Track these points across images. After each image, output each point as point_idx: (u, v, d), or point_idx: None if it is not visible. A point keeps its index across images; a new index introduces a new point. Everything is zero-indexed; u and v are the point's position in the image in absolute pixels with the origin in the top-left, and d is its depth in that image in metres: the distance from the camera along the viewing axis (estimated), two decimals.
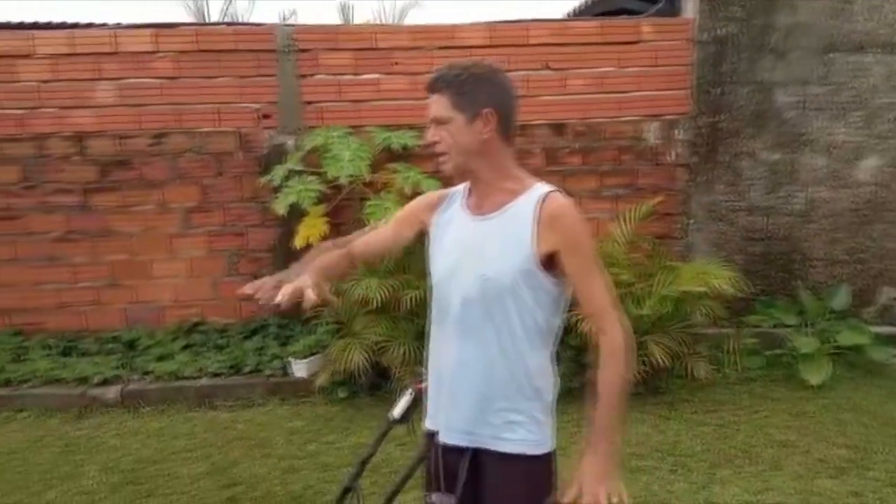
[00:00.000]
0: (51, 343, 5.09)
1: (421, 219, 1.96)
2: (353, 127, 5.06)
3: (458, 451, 1.84)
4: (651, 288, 4.62)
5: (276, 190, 4.80)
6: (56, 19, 5.62)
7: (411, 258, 4.69)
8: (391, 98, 5.21)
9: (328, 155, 4.61)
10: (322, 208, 4.71)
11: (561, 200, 1.76)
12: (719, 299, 4.71)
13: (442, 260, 1.86)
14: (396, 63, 5.21)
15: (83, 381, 4.67)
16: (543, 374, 1.82)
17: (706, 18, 5.24)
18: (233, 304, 5.28)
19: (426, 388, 2.23)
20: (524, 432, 1.79)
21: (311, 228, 4.60)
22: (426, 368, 1.97)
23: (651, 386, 4.56)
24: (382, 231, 2.06)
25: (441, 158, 1.79)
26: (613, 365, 1.74)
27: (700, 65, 5.27)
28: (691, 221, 5.43)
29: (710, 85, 5.28)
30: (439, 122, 1.76)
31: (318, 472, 3.69)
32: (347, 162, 4.45)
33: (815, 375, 4.62)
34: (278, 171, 4.72)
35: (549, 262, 1.73)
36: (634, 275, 4.69)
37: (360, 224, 4.75)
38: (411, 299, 4.27)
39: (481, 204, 1.82)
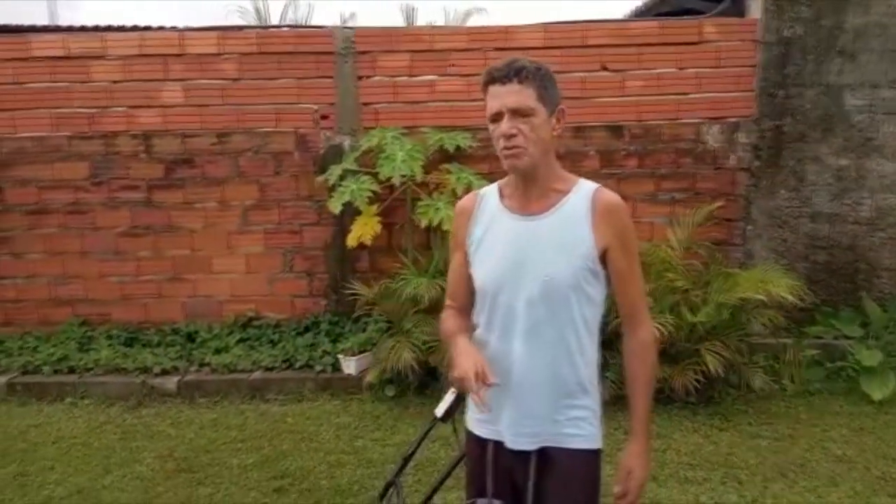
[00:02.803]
0: (114, 333, 5.30)
1: (464, 235, 1.91)
2: (408, 128, 5.11)
3: (520, 454, 1.82)
4: (707, 295, 4.52)
5: (332, 189, 4.88)
6: (128, 23, 5.86)
7: None
8: (446, 99, 5.24)
9: (382, 155, 4.67)
10: (375, 208, 4.77)
11: (612, 196, 1.79)
12: (779, 308, 4.56)
13: (491, 265, 1.82)
14: (452, 65, 5.23)
15: (144, 370, 4.85)
16: (597, 368, 1.85)
17: (772, 18, 5.08)
18: (287, 300, 5.39)
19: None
20: (588, 427, 1.82)
21: (363, 227, 4.66)
22: None
23: (705, 396, 4.44)
24: (455, 270, 1.97)
25: (514, 152, 1.71)
26: (649, 358, 1.82)
27: (765, 66, 5.12)
28: (751, 227, 5.27)
29: (775, 87, 5.12)
30: (521, 113, 1.69)
31: (363, 467, 3.73)
32: (401, 162, 4.49)
33: (877, 390, 4.42)
34: (334, 171, 4.81)
35: (603, 259, 1.77)
36: (690, 281, 4.58)
37: (412, 224, 4.84)
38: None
39: (527, 204, 1.80)
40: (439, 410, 2.37)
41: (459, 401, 2.37)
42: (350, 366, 4.69)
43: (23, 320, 5.45)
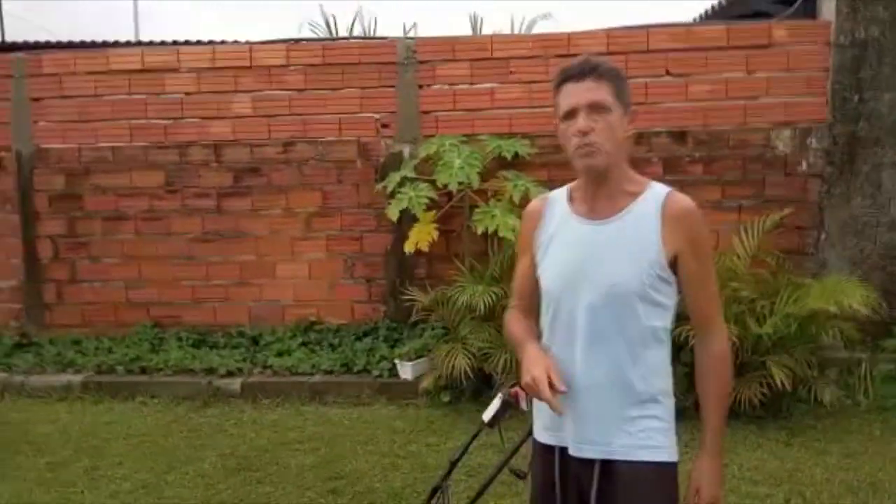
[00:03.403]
0: (184, 335, 5.51)
1: (532, 238, 1.88)
2: (467, 135, 5.14)
3: (586, 463, 1.77)
4: (774, 306, 4.36)
5: (391, 196, 4.95)
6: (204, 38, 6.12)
7: (511, 267, 4.70)
8: (505, 107, 5.25)
9: (440, 162, 4.71)
10: (433, 215, 4.81)
11: (684, 200, 1.72)
12: (853, 321, 4.36)
13: (557, 270, 1.79)
14: (512, 72, 5.24)
15: (210, 371, 5.03)
16: (668, 377, 1.78)
17: (846, 20, 4.89)
18: (347, 305, 5.49)
19: (524, 396, 2.21)
20: (659, 438, 1.74)
21: (420, 234, 4.71)
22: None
23: (772, 410, 4.28)
24: (522, 272, 1.95)
25: (588, 150, 1.66)
26: (723, 370, 1.76)
27: (838, 69, 4.92)
28: (825, 236, 5.06)
29: (849, 91, 4.91)
30: (599, 109, 1.66)
31: (417, 471, 3.76)
32: (457, 169, 4.53)
33: None
34: (393, 178, 4.88)
35: (672, 265, 1.70)
36: (756, 291, 4.43)
37: (470, 231, 4.86)
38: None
39: (595, 207, 1.74)
40: (486, 416, 2.37)
41: (507, 407, 2.36)
42: (407, 371, 4.73)
43: (99, 322, 5.73)
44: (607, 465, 1.74)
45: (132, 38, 8.23)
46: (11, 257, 5.78)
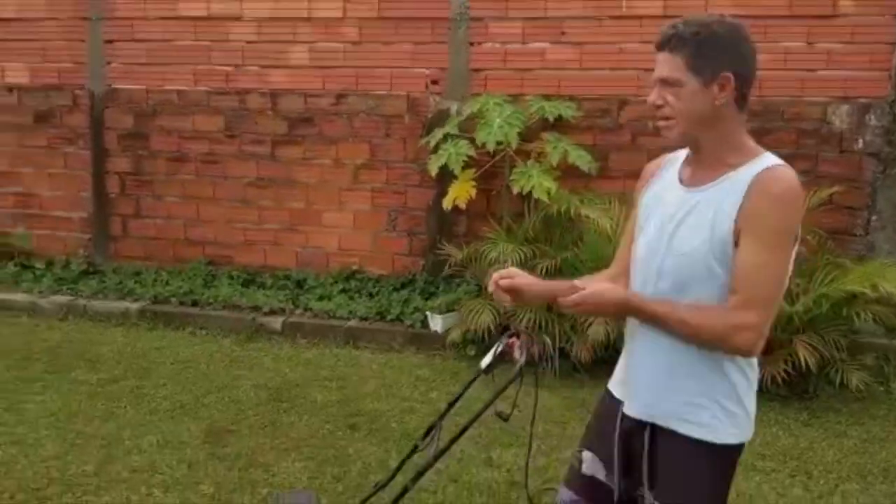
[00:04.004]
0: (235, 274, 5.81)
1: (639, 198, 1.89)
2: (514, 95, 5.16)
3: (638, 423, 1.82)
4: (809, 285, 4.28)
5: (433, 152, 5.05)
6: None
7: (552, 228, 4.75)
8: (555, 68, 5.23)
9: (482, 121, 4.76)
10: (472, 172, 4.89)
11: (774, 177, 1.62)
12: (893, 307, 4.25)
13: (646, 233, 1.81)
14: (564, 32, 5.20)
15: (255, 309, 5.31)
16: (735, 361, 1.71)
17: None
18: (388, 256, 5.67)
19: (516, 345, 2.35)
20: (707, 417, 1.71)
21: (459, 191, 4.80)
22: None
23: (798, 390, 4.25)
24: (626, 233, 1.98)
25: (663, 124, 1.69)
26: (699, 317, 1.65)
27: None
28: (876, 218, 4.89)
29: None
30: (668, 83, 1.65)
31: (432, 416, 3.86)
32: (496, 128, 4.58)
33: None
34: (436, 134, 4.97)
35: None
36: (793, 269, 4.35)
37: (508, 191, 4.92)
38: (545, 268, 4.33)
39: (695, 174, 1.74)
40: (483, 363, 2.50)
41: (503, 356, 2.49)
42: (437, 323, 4.89)
43: (159, 256, 6.10)
44: (655, 429, 1.79)
45: None
46: (82, 190, 6.19)
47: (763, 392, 4.16)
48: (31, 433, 3.66)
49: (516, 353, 2.44)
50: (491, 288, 1.99)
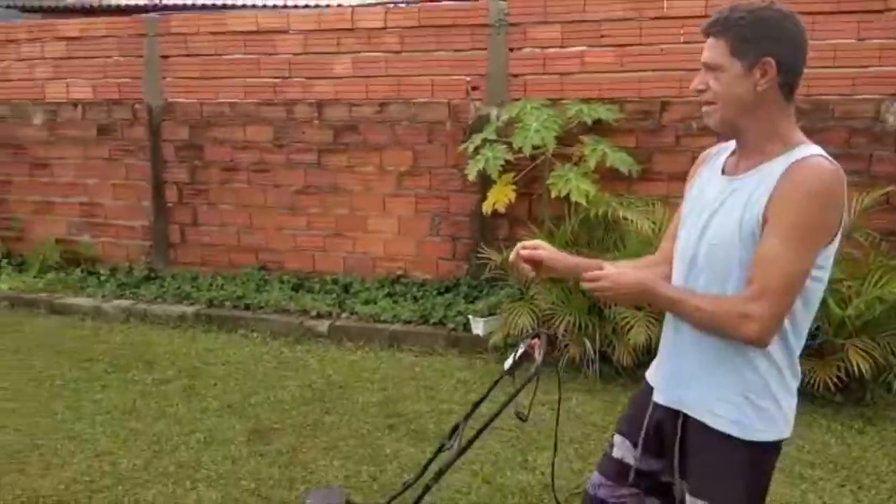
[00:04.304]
0: (285, 279, 5.99)
1: (688, 187, 1.90)
2: (553, 100, 5.17)
3: (668, 411, 1.84)
4: (862, 288, 4.15)
5: (472, 157, 5.10)
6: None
7: (592, 231, 4.74)
8: (595, 71, 5.22)
9: (519, 125, 4.79)
10: (510, 176, 4.92)
11: (805, 167, 1.59)
12: None
13: (686, 224, 1.82)
14: (603, 35, 5.19)
15: (303, 313, 5.47)
16: (768, 357, 1.69)
17: None
18: (432, 261, 5.74)
19: (537, 346, 2.41)
20: (736, 412, 1.70)
21: (498, 195, 4.85)
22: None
23: (853, 396, 4.12)
24: (673, 221, 1.98)
25: (705, 109, 1.70)
26: (714, 307, 1.66)
27: None
28: None
29: None
30: (711, 68, 1.67)
31: (473, 419, 3.96)
32: (533, 132, 4.60)
33: None
34: (474, 140, 5.02)
35: None
36: (845, 271, 4.22)
37: (548, 195, 4.93)
38: None
39: (737, 164, 1.73)
40: (507, 364, 2.55)
41: (525, 357, 2.53)
42: (479, 326, 4.93)
43: (215, 262, 6.34)
44: (687, 419, 1.79)
45: (248, 1, 8.77)
46: (143, 200, 6.49)
47: (815, 398, 4.07)
48: (87, 429, 3.86)
49: (536, 354, 2.48)
50: (512, 258, 2.00)
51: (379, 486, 3.32)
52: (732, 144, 1.81)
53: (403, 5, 5.73)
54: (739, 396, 1.70)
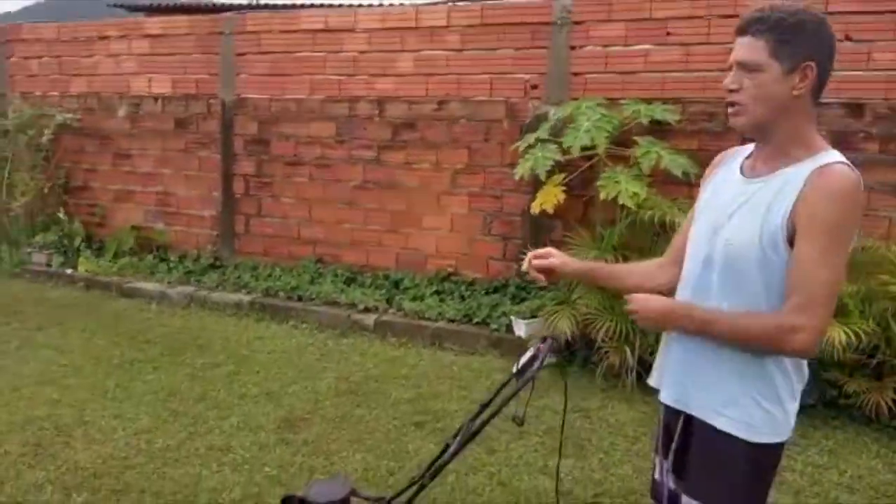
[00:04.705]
0: (340, 272, 6.09)
1: (702, 189, 1.89)
2: (612, 99, 5.01)
3: (675, 412, 1.83)
4: None
5: (523, 157, 5.01)
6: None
7: (641, 235, 4.57)
8: (659, 70, 5.03)
9: (571, 125, 4.67)
10: (561, 177, 4.80)
11: (832, 174, 1.58)
12: None
13: (699, 223, 1.81)
14: (669, 33, 4.99)
15: (352, 306, 5.53)
16: (780, 363, 1.68)
17: None
18: (483, 261, 5.69)
19: (545, 349, 2.35)
20: (741, 413, 1.69)
21: (546, 196, 4.74)
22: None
23: None
24: (685, 222, 1.98)
25: (734, 109, 1.67)
26: (760, 327, 1.62)
27: None
28: None
29: None
30: (747, 68, 1.63)
31: (500, 420, 3.88)
32: (583, 132, 4.47)
33: None
34: (527, 139, 4.94)
35: (793, 239, 1.62)
36: None
37: (598, 197, 4.78)
38: None
39: (756, 165, 1.73)
40: (515, 367, 2.49)
41: (533, 359, 2.47)
42: (521, 328, 4.85)
43: (275, 253, 6.51)
44: (689, 419, 1.79)
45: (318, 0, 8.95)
46: (213, 190, 6.75)
47: (870, 422, 3.79)
48: (132, 408, 4.04)
49: (548, 358, 2.43)
50: (524, 267, 2.09)
51: (395, 481, 3.30)
52: (749, 147, 1.80)
53: (467, 3, 5.68)
54: (748, 399, 1.69)
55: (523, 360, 2.50)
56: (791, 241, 1.60)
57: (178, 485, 3.25)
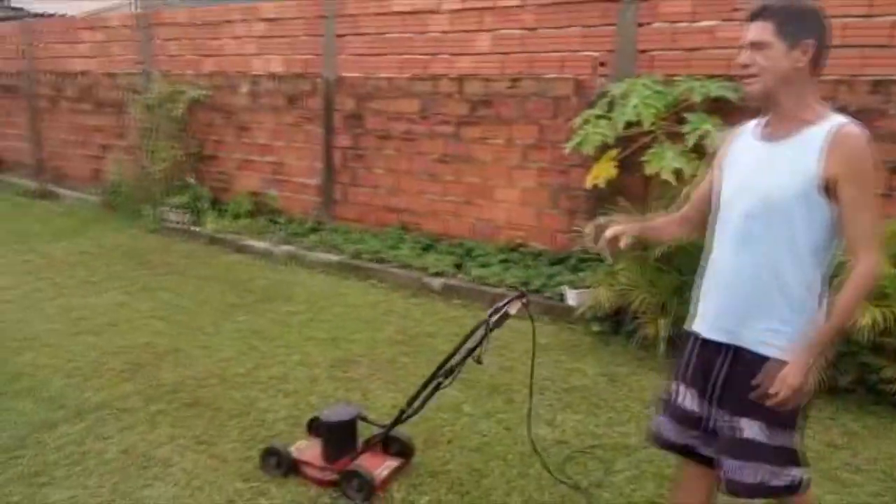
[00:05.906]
0: (419, 240, 6.57)
1: (722, 155, 2.23)
2: (671, 76, 5.07)
3: (716, 347, 2.13)
4: None
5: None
6: None
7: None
8: (725, 46, 5.01)
9: (623, 101, 4.81)
10: (615, 152, 4.96)
11: (853, 130, 1.93)
12: None
13: (731, 181, 2.12)
14: (737, 9, 4.97)
15: (424, 270, 6.00)
16: (811, 290, 2.01)
17: None
18: (550, 233, 5.95)
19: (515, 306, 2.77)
20: (783, 342, 2.00)
21: (600, 170, 4.93)
22: (698, 279, 2.26)
23: None
24: (703, 184, 2.34)
25: (748, 80, 2.00)
26: (854, 290, 1.94)
27: None
28: None
29: None
30: (757, 46, 1.97)
31: (526, 377, 4.22)
32: (631, 108, 4.60)
33: None
34: (584, 115, 5.13)
35: (829, 189, 1.93)
36: None
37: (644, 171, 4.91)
38: (660, 252, 4.32)
39: (773, 130, 2.04)
40: (492, 320, 2.90)
41: (506, 316, 2.88)
42: (571, 297, 5.09)
43: (367, 219, 7.11)
44: (735, 351, 2.09)
45: None
46: (316, 161, 7.44)
47: (890, 402, 3.76)
48: (218, 342, 4.75)
49: (511, 310, 2.83)
50: (586, 241, 2.58)
51: (411, 419, 3.73)
52: (752, 124, 2.16)
53: None
54: (790, 327, 2.01)
55: (491, 310, 2.91)
56: (825, 190, 1.91)
57: (237, 404, 3.88)
